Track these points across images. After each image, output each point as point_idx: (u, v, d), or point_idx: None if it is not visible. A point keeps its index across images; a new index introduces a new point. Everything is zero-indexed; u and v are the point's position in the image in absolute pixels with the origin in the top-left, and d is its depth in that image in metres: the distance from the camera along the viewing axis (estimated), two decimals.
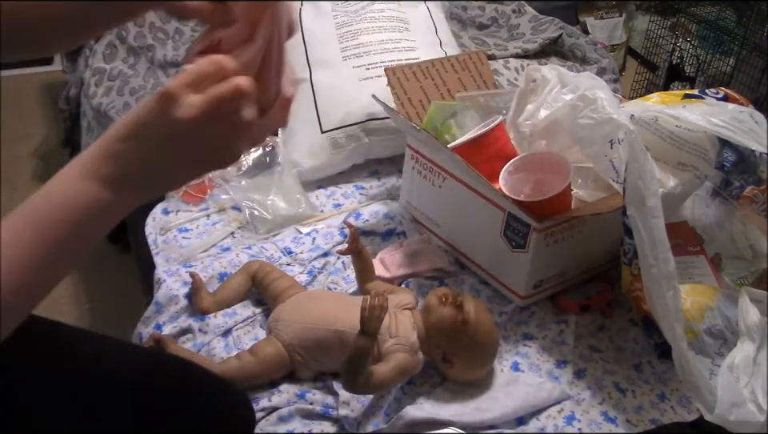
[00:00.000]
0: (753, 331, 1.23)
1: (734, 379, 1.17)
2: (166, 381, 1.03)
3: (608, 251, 1.43)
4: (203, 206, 1.62)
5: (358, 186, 1.73)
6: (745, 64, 2.63)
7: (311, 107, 1.73)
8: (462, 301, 1.23)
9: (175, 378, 1.04)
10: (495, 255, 1.40)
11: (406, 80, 1.67)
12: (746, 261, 1.47)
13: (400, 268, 1.45)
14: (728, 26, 2.75)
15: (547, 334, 1.37)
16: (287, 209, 1.59)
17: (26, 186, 2.42)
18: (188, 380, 1.05)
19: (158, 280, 1.41)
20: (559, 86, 1.41)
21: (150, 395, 1.00)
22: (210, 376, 1.09)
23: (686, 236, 1.45)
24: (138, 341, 1.34)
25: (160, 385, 1.02)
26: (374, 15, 1.84)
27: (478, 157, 1.37)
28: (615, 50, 3.15)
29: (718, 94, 1.42)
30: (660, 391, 1.29)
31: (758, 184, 1.45)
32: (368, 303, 1.09)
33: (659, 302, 1.16)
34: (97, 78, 2.05)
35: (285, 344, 1.22)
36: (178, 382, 1.04)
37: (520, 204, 1.29)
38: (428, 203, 1.54)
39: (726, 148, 1.42)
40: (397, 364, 1.17)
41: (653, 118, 1.36)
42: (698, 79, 2.73)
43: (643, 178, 1.15)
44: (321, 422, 1.19)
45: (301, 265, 1.47)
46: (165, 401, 1.00)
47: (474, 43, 2.23)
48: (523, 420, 1.21)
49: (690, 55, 2.76)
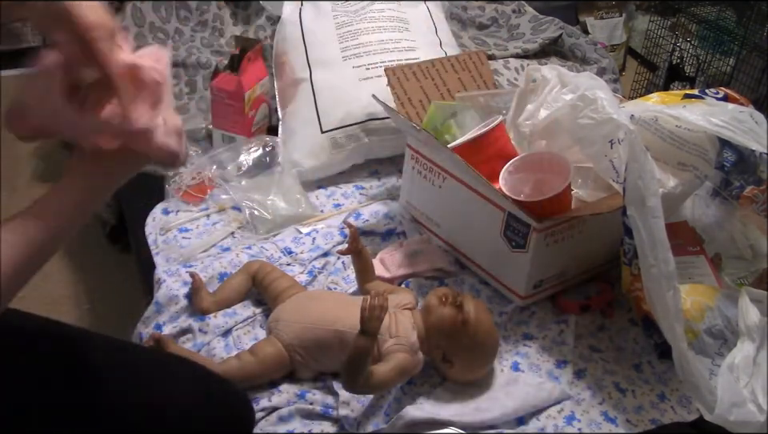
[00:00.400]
0: (753, 331, 1.23)
1: (734, 379, 1.17)
2: (165, 381, 1.03)
3: (608, 251, 1.43)
4: (203, 206, 1.62)
5: (357, 186, 1.73)
6: (745, 64, 2.62)
7: (311, 107, 1.73)
8: (462, 301, 1.23)
9: (175, 378, 1.04)
10: (495, 255, 1.40)
11: (405, 80, 1.67)
12: (746, 261, 1.47)
13: (400, 268, 1.45)
14: (728, 26, 2.75)
15: (547, 334, 1.37)
16: (287, 209, 1.59)
17: (26, 186, 2.41)
18: (188, 380, 1.05)
19: (158, 280, 1.41)
20: (559, 86, 1.41)
21: (150, 395, 1.00)
22: (210, 376, 1.09)
23: (686, 236, 1.45)
24: (138, 341, 1.34)
25: (160, 385, 1.02)
26: (374, 15, 1.84)
27: (478, 157, 1.37)
28: (615, 50, 3.15)
29: (717, 94, 1.42)
30: (660, 391, 1.29)
31: (758, 184, 1.46)
32: (368, 303, 1.09)
33: (659, 302, 1.16)
34: None
35: (285, 344, 1.22)
36: (177, 382, 1.04)
37: (520, 204, 1.29)
38: (428, 203, 1.54)
39: (726, 148, 1.42)
40: (397, 364, 1.17)
41: (653, 118, 1.36)
42: (698, 79, 2.73)
43: (643, 178, 1.15)
44: (321, 422, 1.19)
45: (301, 265, 1.47)
46: (165, 401, 1.00)
47: (474, 43, 2.22)
48: (523, 420, 1.21)
49: (689, 55, 2.75)
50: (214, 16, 2.24)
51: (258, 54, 1.75)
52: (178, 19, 2.20)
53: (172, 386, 1.03)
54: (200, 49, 2.16)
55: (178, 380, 1.04)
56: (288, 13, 1.85)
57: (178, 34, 2.18)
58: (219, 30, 2.23)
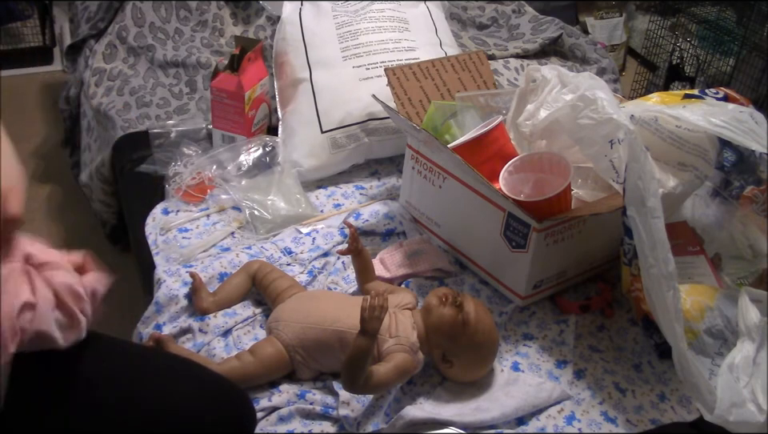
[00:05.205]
0: (753, 331, 1.23)
1: (734, 379, 1.17)
2: (166, 381, 1.03)
3: (608, 251, 1.43)
4: (203, 206, 1.62)
5: (358, 186, 1.73)
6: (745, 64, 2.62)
7: (311, 107, 1.73)
8: (462, 301, 1.23)
9: (175, 378, 1.04)
10: (495, 254, 1.40)
11: (405, 80, 1.67)
12: (746, 261, 1.47)
13: (400, 268, 1.45)
14: (728, 26, 2.75)
15: (547, 334, 1.37)
16: (287, 209, 1.59)
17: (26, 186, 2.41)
18: (188, 380, 1.05)
19: (158, 280, 1.41)
20: (559, 86, 1.41)
21: (151, 395, 1.00)
22: (210, 376, 1.09)
23: (686, 236, 1.45)
24: (137, 341, 1.34)
25: (160, 385, 1.02)
26: (374, 15, 1.84)
27: (478, 157, 1.37)
28: (615, 50, 3.15)
29: (717, 94, 1.42)
30: (660, 391, 1.29)
31: (758, 184, 1.46)
32: (368, 303, 1.09)
33: (659, 302, 1.16)
34: (97, 78, 2.06)
35: (285, 344, 1.22)
36: (178, 382, 1.04)
37: (520, 204, 1.29)
38: (428, 203, 1.54)
39: (726, 148, 1.42)
40: (397, 364, 1.17)
41: (653, 118, 1.36)
42: (698, 79, 2.73)
43: (643, 179, 1.15)
44: (321, 422, 1.19)
45: (301, 265, 1.47)
46: (165, 401, 1.00)
47: (474, 43, 2.23)
48: (523, 420, 1.21)
49: (690, 55, 2.76)
50: (213, 16, 2.24)
51: (258, 54, 1.75)
52: (178, 19, 2.20)
53: (173, 386, 1.02)
54: (200, 49, 2.16)
55: (178, 381, 1.04)
56: (288, 13, 1.85)
57: (177, 34, 2.19)
58: (219, 30, 2.23)
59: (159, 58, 2.09)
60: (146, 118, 1.89)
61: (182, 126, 1.82)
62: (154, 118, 1.89)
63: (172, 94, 2.00)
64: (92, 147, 2.03)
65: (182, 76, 2.06)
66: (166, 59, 2.09)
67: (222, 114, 1.73)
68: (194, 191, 1.63)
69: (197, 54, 2.11)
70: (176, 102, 1.98)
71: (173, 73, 2.08)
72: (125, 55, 2.12)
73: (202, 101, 1.96)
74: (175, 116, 1.91)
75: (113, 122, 1.89)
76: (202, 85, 2.02)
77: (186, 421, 0.99)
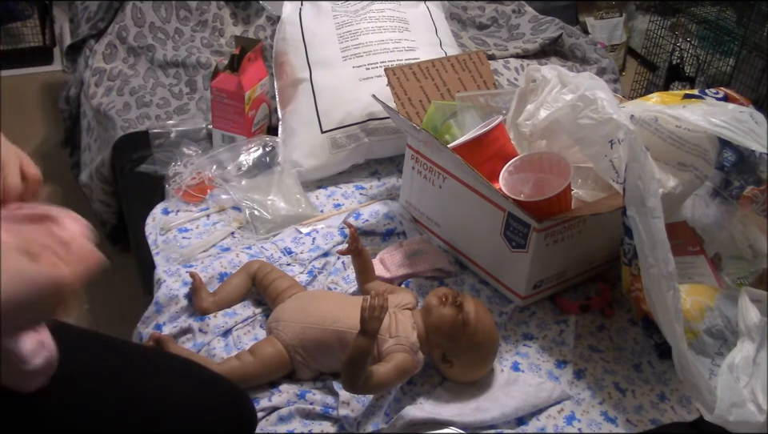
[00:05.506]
0: (753, 331, 1.23)
1: (734, 379, 1.17)
2: (166, 381, 1.03)
3: (608, 251, 1.43)
4: (203, 206, 1.62)
5: (358, 186, 1.73)
6: (745, 64, 2.63)
7: (311, 107, 1.73)
8: (462, 301, 1.23)
9: (175, 378, 1.04)
10: (495, 254, 1.40)
11: (405, 80, 1.67)
12: (746, 261, 1.47)
13: (400, 268, 1.45)
14: (728, 26, 2.75)
15: (547, 334, 1.37)
16: (287, 209, 1.59)
17: None
18: (188, 380, 1.05)
19: (158, 280, 1.41)
20: (559, 86, 1.41)
21: (151, 395, 1.00)
22: (210, 376, 1.09)
23: (686, 236, 1.45)
24: (138, 341, 1.34)
25: (160, 385, 1.02)
26: (374, 15, 1.84)
27: (478, 157, 1.37)
28: (615, 50, 3.15)
29: (717, 94, 1.42)
30: (660, 391, 1.29)
31: (758, 184, 1.46)
32: (368, 303, 1.09)
33: (659, 302, 1.16)
34: (97, 78, 2.06)
35: (285, 344, 1.22)
36: (178, 382, 1.04)
37: (520, 204, 1.29)
38: (428, 203, 1.54)
39: (726, 148, 1.42)
40: (397, 364, 1.17)
41: (653, 118, 1.36)
42: (698, 79, 2.73)
43: (643, 179, 1.15)
44: (321, 422, 1.19)
45: (301, 265, 1.47)
46: (165, 401, 1.00)
47: (474, 43, 2.23)
48: (523, 420, 1.21)
49: (690, 55, 2.76)
50: (213, 16, 2.24)
51: (258, 54, 1.75)
52: (178, 19, 2.20)
53: (173, 386, 1.03)
54: (200, 49, 2.16)
55: (178, 381, 1.04)
56: (288, 13, 1.85)
57: (177, 34, 2.19)
58: (219, 30, 2.23)
59: (159, 58, 2.09)
60: (146, 118, 1.89)
61: (182, 126, 1.83)
62: (154, 118, 1.89)
63: (172, 94, 2.01)
64: (92, 147, 2.03)
65: (181, 76, 2.06)
66: (165, 59, 2.09)
67: (222, 114, 1.73)
68: (194, 191, 1.63)
69: (197, 54, 2.11)
70: (176, 102, 1.98)
71: (173, 73, 2.08)
72: (125, 55, 2.12)
73: (202, 101, 1.96)
74: (175, 116, 1.91)
75: (113, 122, 1.89)
76: (202, 85, 2.02)
77: (186, 421, 0.99)
